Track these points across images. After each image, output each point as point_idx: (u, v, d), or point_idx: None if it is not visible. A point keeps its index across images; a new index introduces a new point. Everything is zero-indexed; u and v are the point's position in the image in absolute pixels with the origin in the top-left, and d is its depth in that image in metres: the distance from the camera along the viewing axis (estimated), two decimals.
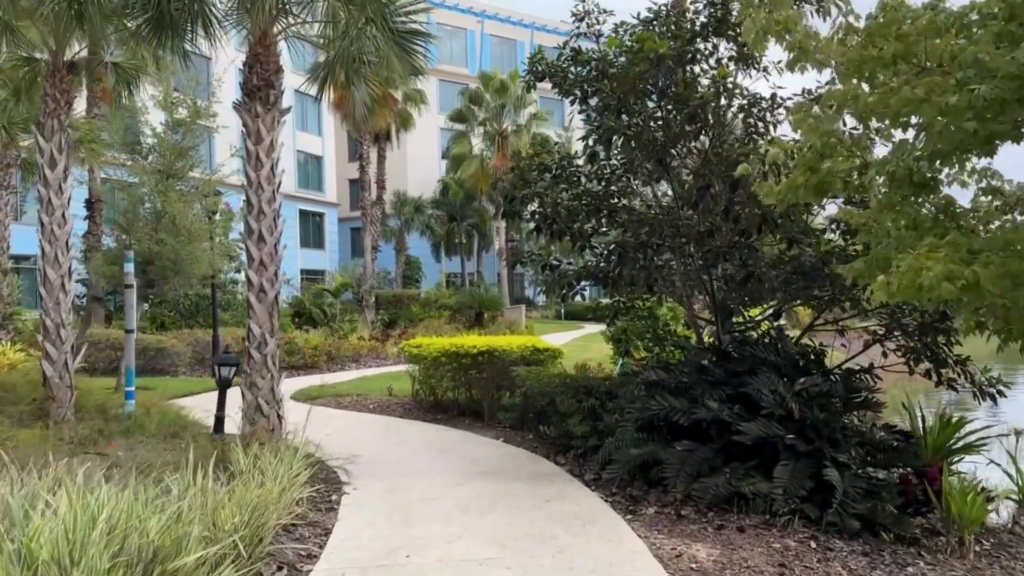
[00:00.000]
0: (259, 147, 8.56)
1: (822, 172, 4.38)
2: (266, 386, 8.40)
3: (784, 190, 4.48)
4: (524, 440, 9.96)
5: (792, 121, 4.45)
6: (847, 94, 3.57)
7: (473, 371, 11.34)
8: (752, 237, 6.86)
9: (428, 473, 8.10)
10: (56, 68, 9.29)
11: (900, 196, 3.85)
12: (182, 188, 14.85)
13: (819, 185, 4.46)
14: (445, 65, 50.41)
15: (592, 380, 9.30)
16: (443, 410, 12.13)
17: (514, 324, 28.73)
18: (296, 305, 28.47)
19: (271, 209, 8.58)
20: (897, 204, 4.13)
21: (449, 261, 47.27)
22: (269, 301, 8.50)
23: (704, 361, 8.05)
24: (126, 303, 9.93)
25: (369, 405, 13.19)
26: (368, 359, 21.26)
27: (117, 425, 9.54)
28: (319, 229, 45.23)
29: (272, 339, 8.48)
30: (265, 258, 8.52)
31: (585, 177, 9.00)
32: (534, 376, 9.99)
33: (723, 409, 7.35)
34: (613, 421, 8.11)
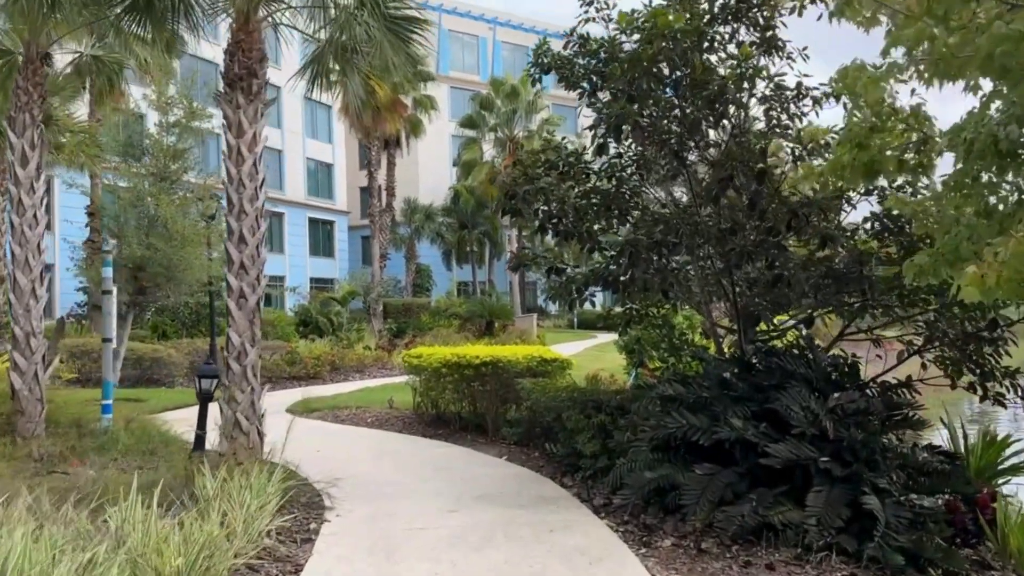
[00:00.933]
0: (240, 140, 7.91)
1: (872, 149, 3.64)
2: (246, 400, 7.72)
3: (828, 171, 3.75)
4: (529, 458, 9.21)
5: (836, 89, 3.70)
6: (921, 33, 2.84)
7: (476, 383, 10.62)
8: (780, 235, 6.11)
9: (421, 496, 7.37)
10: (29, 59, 8.70)
11: (976, 172, 3.11)
12: (177, 192, 14.23)
13: (868, 165, 3.72)
14: (457, 72, 49.99)
15: (602, 394, 8.55)
16: (445, 424, 11.41)
17: (525, 333, 28.02)
18: (302, 314, 27.88)
19: (253, 208, 7.91)
20: (968, 185, 3.37)
21: (460, 269, 46.64)
22: (250, 308, 7.83)
23: (726, 374, 7.29)
24: (104, 310, 9.30)
25: (367, 419, 12.49)
26: (373, 369, 20.58)
27: (91, 441, 8.89)
28: (329, 237, 44.76)
29: (253, 349, 7.80)
30: (246, 261, 7.85)
31: (595, 174, 8.30)
32: (540, 389, 9.26)
33: (748, 428, 6.58)
34: (625, 440, 7.36)
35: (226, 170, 7.98)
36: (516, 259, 8.22)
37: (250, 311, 7.83)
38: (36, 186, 8.66)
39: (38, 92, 8.72)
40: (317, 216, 43.50)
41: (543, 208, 7.54)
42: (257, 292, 7.89)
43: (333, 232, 45.08)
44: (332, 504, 7.06)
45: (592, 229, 7.67)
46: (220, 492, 5.98)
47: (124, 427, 9.49)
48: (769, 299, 6.89)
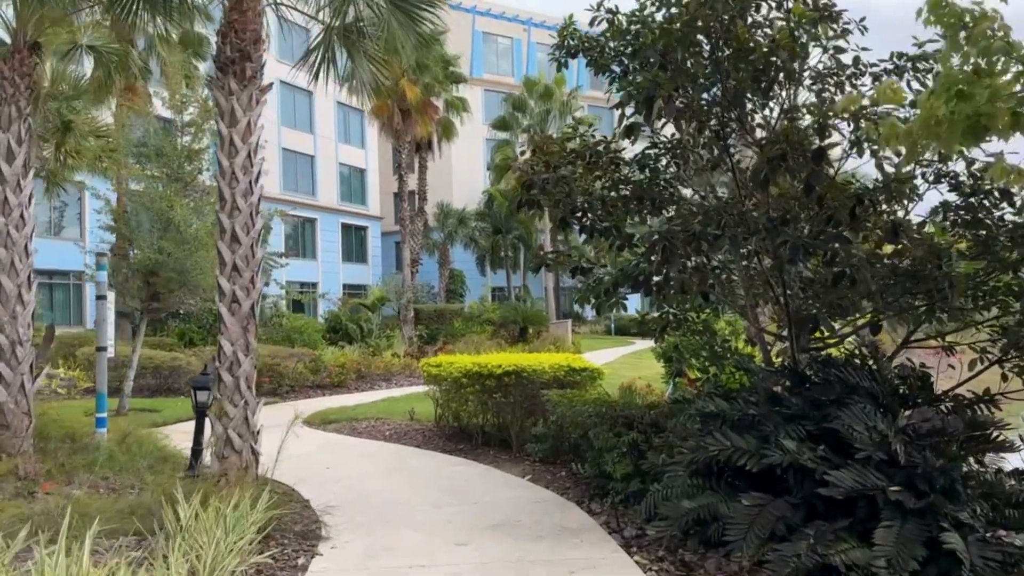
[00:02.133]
0: (233, 130, 7.21)
1: (977, 99, 2.73)
2: (238, 416, 6.99)
3: (918, 128, 2.84)
4: (555, 478, 8.35)
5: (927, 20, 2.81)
6: None
7: (498, 394, 9.79)
8: (841, 225, 5.18)
9: (430, 524, 6.55)
10: (16, 48, 8.12)
11: None
12: (192, 194, 13.68)
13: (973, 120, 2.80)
14: (490, 75, 49.35)
15: (634, 408, 7.65)
16: (467, 438, 10.60)
17: (560, 340, 27.11)
18: (332, 320, 27.38)
19: (247, 204, 7.20)
20: None
21: (494, 275, 45.90)
22: (243, 313, 7.11)
23: (776, 387, 6.35)
24: (98, 316, 8.67)
25: (386, 431, 11.73)
26: (400, 377, 19.88)
27: (82, 458, 8.25)
28: (362, 243, 44.36)
29: (247, 358, 7.08)
30: (239, 262, 7.13)
31: (625, 164, 7.43)
32: (567, 402, 8.39)
33: (803, 451, 5.64)
34: (660, 462, 6.46)
35: (218, 163, 7.29)
36: (538, 259, 7.37)
37: (244, 317, 7.11)
38: (23, 183, 8.08)
39: (25, 83, 8.14)
40: (350, 222, 43.12)
41: (566, 200, 6.69)
42: (251, 296, 7.17)
43: (366, 238, 44.67)
44: (328, 533, 6.28)
45: (622, 224, 6.80)
46: (195, 522, 5.24)
47: (120, 442, 8.85)
48: (828, 301, 5.94)
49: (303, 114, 39.94)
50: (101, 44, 9.66)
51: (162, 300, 13.40)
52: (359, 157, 44.16)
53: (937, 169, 6.45)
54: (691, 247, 5.32)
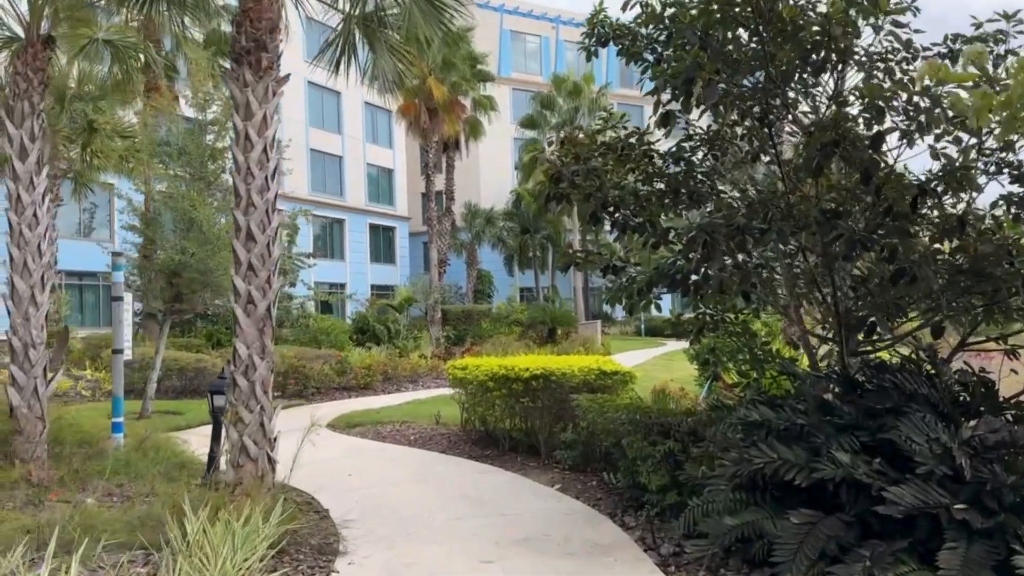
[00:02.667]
0: (248, 124, 6.90)
1: None
2: (254, 421, 6.68)
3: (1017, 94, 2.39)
4: (586, 488, 7.94)
5: None
6: None
7: (526, 399, 9.39)
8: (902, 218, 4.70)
9: (454, 538, 6.18)
10: (30, 42, 7.91)
11: None
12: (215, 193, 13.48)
13: None
14: (519, 73, 48.99)
15: (670, 415, 7.21)
16: (493, 443, 10.23)
17: (589, 341, 26.66)
18: (359, 321, 27.19)
19: (263, 201, 6.89)
20: None
21: (522, 275, 45.52)
22: (259, 314, 6.80)
23: (827, 395, 5.88)
24: (114, 318, 8.44)
25: (411, 436, 11.40)
26: (427, 379, 19.58)
27: (97, 464, 8.02)
28: (390, 244, 44.23)
29: (263, 362, 6.77)
30: (255, 261, 6.82)
31: (660, 157, 7.01)
32: (597, 407, 7.97)
33: (858, 465, 5.17)
34: (699, 474, 6.03)
35: (233, 158, 6.99)
36: (566, 257, 6.96)
37: (259, 319, 6.80)
38: (36, 181, 7.86)
39: (39, 79, 7.93)
40: (378, 222, 43.01)
41: (596, 194, 6.28)
42: (268, 297, 6.86)
43: (394, 238, 44.53)
44: (347, 548, 5.94)
45: (657, 219, 6.37)
46: (203, 538, 4.92)
47: (136, 448, 8.61)
48: (883, 301, 5.46)
49: (331, 115, 39.90)
50: (118, 39, 9.44)
51: (185, 301, 13.21)
52: (387, 157, 44.05)
53: (998, 159, 5.95)
54: (734, 242, 4.88)
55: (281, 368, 16.70)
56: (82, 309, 27.43)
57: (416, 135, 31.46)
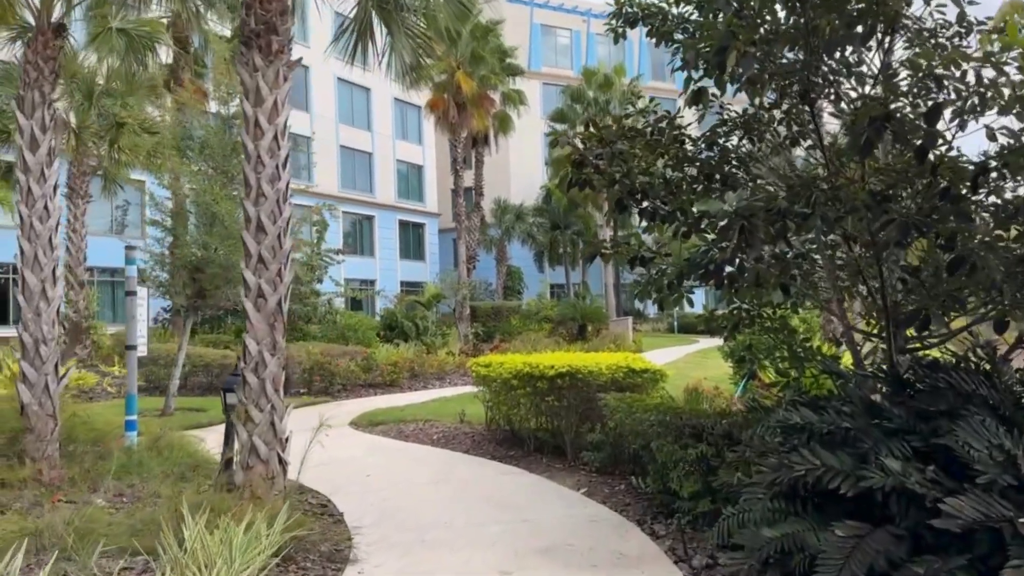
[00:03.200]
0: (258, 110, 6.62)
1: None
2: (264, 421, 6.39)
3: None
4: (613, 492, 7.54)
5: None
6: None
7: (551, 398, 9.01)
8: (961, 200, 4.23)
9: (473, 545, 5.83)
10: (40, 30, 7.71)
11: None
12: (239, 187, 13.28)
13: None
14: (549, 68, 48.52)
15: (703, 417, 6.77)
16: (518, 443, 9.87)
17: (620, 338, 26.16)
18: (388, 318, 27.02)
19: (274, 190, 6.60)
20: None
21: (552, 271, 45.07)
22: (270, 309, 6.51)
23: (874, 396, 5.42)
24: (127, 314, 8.23)
25: (434, 435, 11.08)
26: (454, 376, 19.28)
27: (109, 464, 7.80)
28: (419, 240, 44.08)
29: (273, 358, 6.48)
30: (265, 253, 6.54)
31: (691, 140, 6.57)
32: (625, 407, 7.56)
33: (910, 472, 4.71)
34: (735, 481, 5.60)
35: (243, 146, 6.72)
36: (592, 248, 6.56)
37: (270, 313, 6.51)
38: (48, 172, 7.66)
39: (50, 67, 7.73)
40: (407, 219, 42.88)
41: (623, 181, 5.87)
42: (279, 291, 6.57)
43: (423, 235, 44.37)
44: (358, 555, 5.62)
45: (688, 207, 5.95)
46: (201, 545, 4.62)
47: (151, 446, 8.40)
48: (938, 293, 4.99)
49: (360, 111, 39.83)
50: (132, 28, 9.23)
51: (208, 297, 13.03)
52: (416, 153, 43.89)
53: None
54: (774, 228, 4.45)
55: (307, 365, 16.54)
56: (113, 305, 27.58)
57: (445, 130, 31.19)
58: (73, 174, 18.70)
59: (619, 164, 5.78)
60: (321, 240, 26.57)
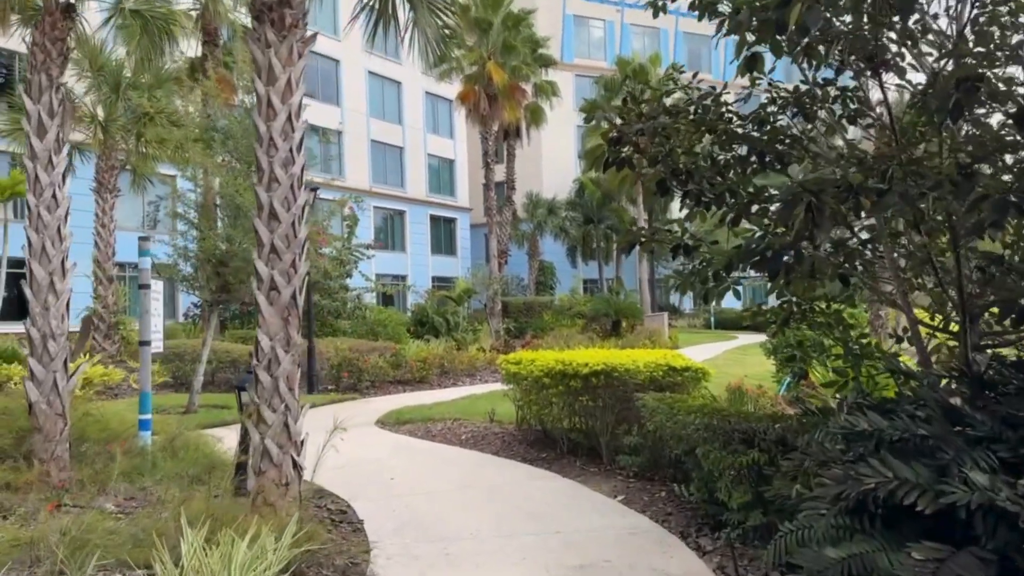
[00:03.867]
0: (271, 89, 6.17)
1: None
2: (277, 423, 5.95)
3: None
4: (653, 500, 7.00)
5: None
6: None
7: (585, 397, 8.48)
8: None
9: (499, 560, 5.34)
10: (48, 11, 7.36)
11: None
12: None
13: None
14: (582, 59, 47.81)
15: (752, 420, 6.18)
16: (550, 444, 9.36)
17: (655, 334, 25.49)
18: (419, 313, 26.66)
19: (288, 175, 6.15)
20: None
21: (585, 266, 44.44)
22: (283, 302, 6.07)
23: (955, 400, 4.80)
24: (141, 308, 7.87)
25: (463, 435, 10.61)
26: (485, 373, 18.82)
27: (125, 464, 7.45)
28: (451, 235, 43.70)
29: (287, 355, 6.04)
30: (279, 243, 6.10)
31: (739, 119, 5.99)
32: (666, 409, 7.00)
33: (999, 487, 4.10)
34: (794, 493, 5.02)
35: (255, 127, 6.27)
36: (629, 236, 6.01)
37: (283, 307, 6.07)
38: (56, 160, 7.32)
39: (58, 49, 7.37)
40: (438, 214, 42.51)
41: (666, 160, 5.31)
42: (293, 283, 6.12)
43: (455, 230, 43.99)
44: (375, 571, 5.16)
45: (738, 188, 5.37)
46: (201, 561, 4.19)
47: (167, 446, 8.04)
48: None
49: (391, 105, 39.53)
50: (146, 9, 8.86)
51: (232, 291, 12.71)
52: (448, 148, 43.50)
53: None
54: (847, 206, 3.87)
55: (335, 361, 16.19)
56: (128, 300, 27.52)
57: (476, 122, 30.69)
58: (101, 168, 18.56)
59: (661, 141, 5.22)
60: (352, 235, 26.28)
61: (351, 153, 36.10)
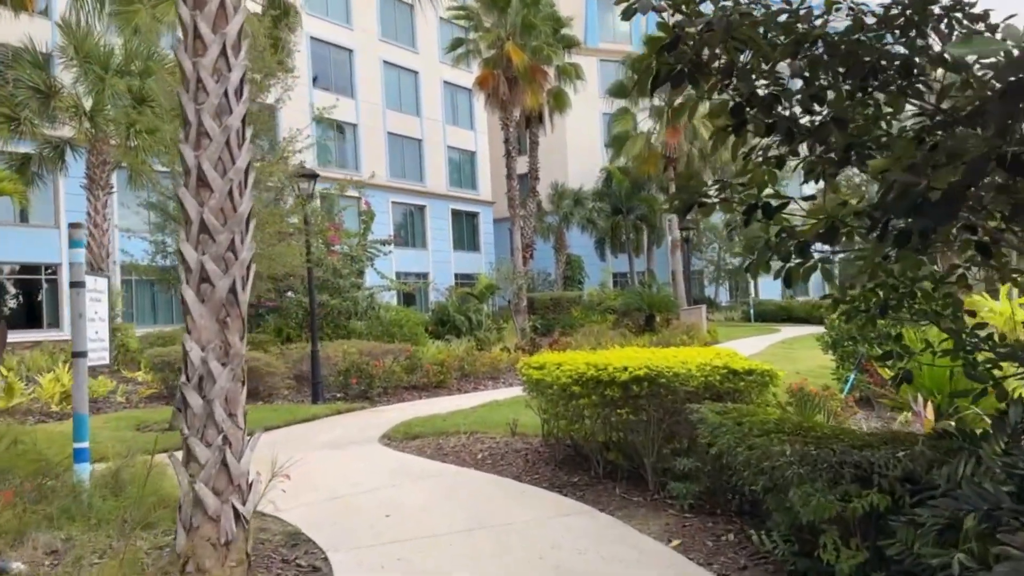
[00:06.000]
0: (198, 14, 4.63)
1: None
2: (212, 460, 4.41)
3: None
4: (719, 547, 5.36)
5: None
6: None
7: (625, 410, 6.83)
8: None
9: None
10: None
11: None
12: None
13: None
14: (607, 43, 45.95)
15: (861, 445, 4.47)
16: (583, 464, 7.77)
17: (693, 328, 23.71)
18: (439, 312, 25.15)
19: (222, 129, 4.62)
20: None
21: (615, 259, 42.62)
22: (219, 298, 4.53)
23: None
24: (74, 311, 6.37)
25: (479, 452, 9.03)
26: (509, 375, 17.22)
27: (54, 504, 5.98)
28: (473, 230, 42.10)
29: (225, 369, 4.50)
30: (211, 218, 4.55)
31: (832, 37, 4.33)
32: (733, 425, 5.34)
33: None
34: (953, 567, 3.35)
35: (179, 66, 4.73)
36: (686, 193, 4.36)
37: (219, 304, 4.53)
38: None
39: None
40: (460, 208, 40.93)
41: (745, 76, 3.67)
42: (232, 272, 4.58)
43: (478, 224, 42.35)
44: None
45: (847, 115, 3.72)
46: None
47: (111, 480, 6.54)
48: None
49: (409, 96, 38.02)
50: None
51: None
52: (468, 139, 41.90)
53: None
54: None
55: (342, 367, 14.71)
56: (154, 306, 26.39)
57: (495, 108, 29.02)
58: (91, 163, 17.26)
59: (736, 47, 3.58)
60: (367, 230, 24.85)
61: (367, 147, 34.67)
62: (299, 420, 11.92)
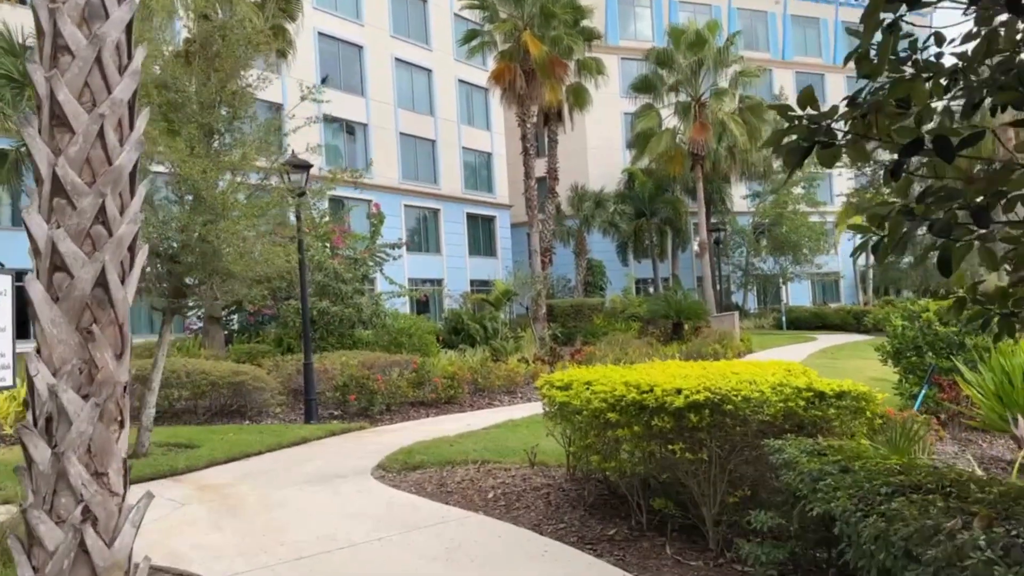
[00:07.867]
0: None
1: None
2: (66, 545, 2.83)
3: None
4: None
5: None
6: None
7: (679, 444, 5.19)
8: None
9: None
10: None
11: None
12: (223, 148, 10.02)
13: None
14: (628, 41, 44.34)
15: None
16: (620, 509, 6.19)
17: (725, 336, 21.97)
18: (453, 320, 23.58)
19: (90, 39, 3.06)
20: None
21: (638, 264, 40.86)
22: (79, 294, 2.97)
23: None
24: None
25: (490, 490, 7.41)
26: (527, 389, 15.63)
27: None
28: (490, 235, 40.45)
29: (87, 404, 2.92)
30: (67, 177, 2.99)
31: None
32: (837, 473, 3.69)
33: None
34: None
35: None
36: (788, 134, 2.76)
37: (79, 303, 2.98)
38: None
39: None
40: (476, 212, 39.31)
41: None
42: (103, 255, 3.01)
43: (494, 229, 40.69)
44: None
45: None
46: None
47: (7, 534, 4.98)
48: None
49: (422, 95, 36.54)
50: None
51: (189, 294, 9.78)
52: (484, 140, 40.34)
53: None
54: None
55: (339, 381, 13.16)
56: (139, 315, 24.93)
57: (511, 102, 27.44)
58: None
59: None
60: (376, 234, 23.37)
61: (378, 147, 33.24)
62: (285, 444, 10.36)
